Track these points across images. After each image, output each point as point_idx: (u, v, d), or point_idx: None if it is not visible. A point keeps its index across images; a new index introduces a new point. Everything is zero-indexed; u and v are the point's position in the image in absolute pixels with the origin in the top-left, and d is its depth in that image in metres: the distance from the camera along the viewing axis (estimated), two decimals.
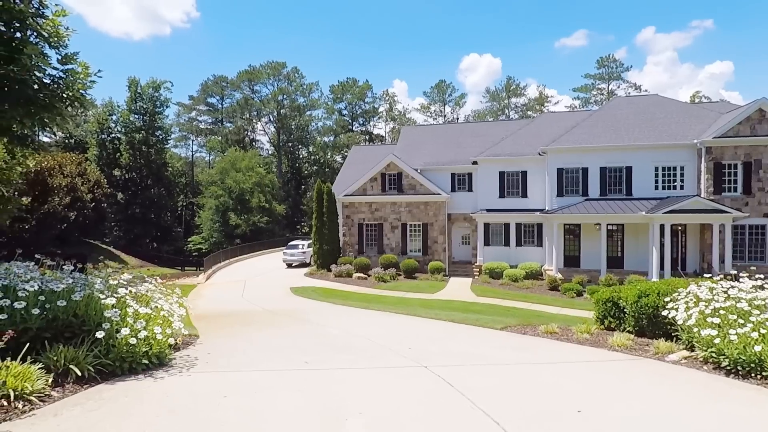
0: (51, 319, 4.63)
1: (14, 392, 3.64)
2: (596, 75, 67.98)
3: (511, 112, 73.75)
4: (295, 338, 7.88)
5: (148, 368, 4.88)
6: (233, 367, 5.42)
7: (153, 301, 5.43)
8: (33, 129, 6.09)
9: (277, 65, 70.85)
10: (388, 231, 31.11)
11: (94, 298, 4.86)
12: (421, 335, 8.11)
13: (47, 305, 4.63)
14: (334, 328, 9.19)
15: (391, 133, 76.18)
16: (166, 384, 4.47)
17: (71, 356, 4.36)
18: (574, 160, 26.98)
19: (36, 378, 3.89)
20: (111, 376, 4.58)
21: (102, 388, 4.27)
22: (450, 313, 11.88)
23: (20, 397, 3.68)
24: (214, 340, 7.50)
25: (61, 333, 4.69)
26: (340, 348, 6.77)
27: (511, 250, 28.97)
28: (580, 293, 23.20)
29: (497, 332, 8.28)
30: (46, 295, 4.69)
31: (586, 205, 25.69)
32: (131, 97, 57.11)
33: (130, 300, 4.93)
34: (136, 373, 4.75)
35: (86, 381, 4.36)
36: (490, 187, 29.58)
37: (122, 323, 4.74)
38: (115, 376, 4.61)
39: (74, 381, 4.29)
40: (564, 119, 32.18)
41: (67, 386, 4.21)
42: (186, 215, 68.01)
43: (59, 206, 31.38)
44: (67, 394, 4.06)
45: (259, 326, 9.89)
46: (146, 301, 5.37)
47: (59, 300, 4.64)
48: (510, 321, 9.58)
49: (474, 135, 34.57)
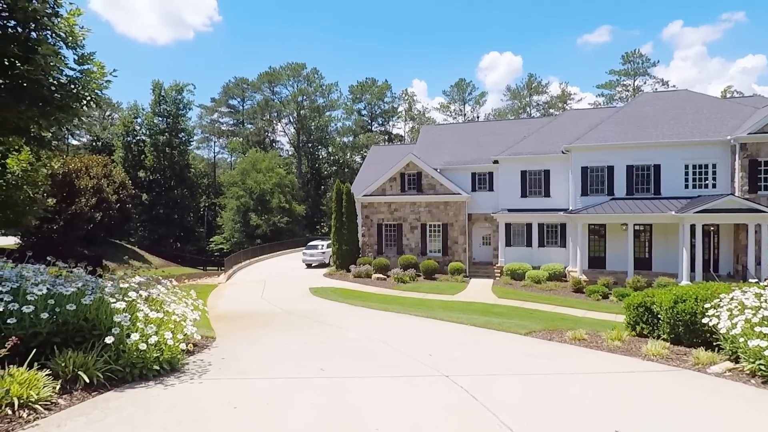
0: (61, 323, 4.51)
1: (19, 400, 3.51)
2: (621, 71, 66.27)
3: (532, 111, 72.55)
4: (311, 342, 7.68)
5: (160, 374, 4.73)
6: (246, 373, 5.22)
7: (165, 304, 5.27)
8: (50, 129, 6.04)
9: (297, 66, 71.28)
10: (408, 231, 30.81)
11: (105, 301, 4.74)
12: (441, 340, 7.81)
13: (57, 309, 4.52)
14: (351, 331, 8.96)
15: (410, 132, 75.81)
16: (176, 392, 4.30)
17: (80, 362, 4.22)
18: (599, 159, 26.18)
19: (42, 385, 3.76)
20: (121, 383, 4.44)
21: (110, 396, 4.11)
22: (471, 317, 11.53)
23: (25, 406, 3.55)
24: (229, 343, 7.35)
25: (71, 338, 4.57)
26: (357, 353, 6.53)
27: (534, 250, 28.33)
28: (605, 295, 22.51)
29: (522, 338, 7.91)
30: (56, 299, 4.57)
31: (612, 205, 24.88)
32: (155, 100, 58.24)
33: (140, 304, 4.79)
34: (146, 379, 4.60)
35: (95, 388, 4.22)
36: (512, 186, 28.99)
37: (132, 328, 4.60)
38: (125, 383, 4.46)
39: (83, 388, 4.15)
40: (588, 116, 31.33)
41: (75, 393, 4.08)
42: (208, 216, 68.99)
43: (86, 207, 32.09)
44: (75, 402, 3.92)
45: (277, 328, 9.75)
46: (159, 304, 5.22)
47: (69, 304, 4.52)
48: (535, 326, 9.19)
49: (495, 133, 33.97)
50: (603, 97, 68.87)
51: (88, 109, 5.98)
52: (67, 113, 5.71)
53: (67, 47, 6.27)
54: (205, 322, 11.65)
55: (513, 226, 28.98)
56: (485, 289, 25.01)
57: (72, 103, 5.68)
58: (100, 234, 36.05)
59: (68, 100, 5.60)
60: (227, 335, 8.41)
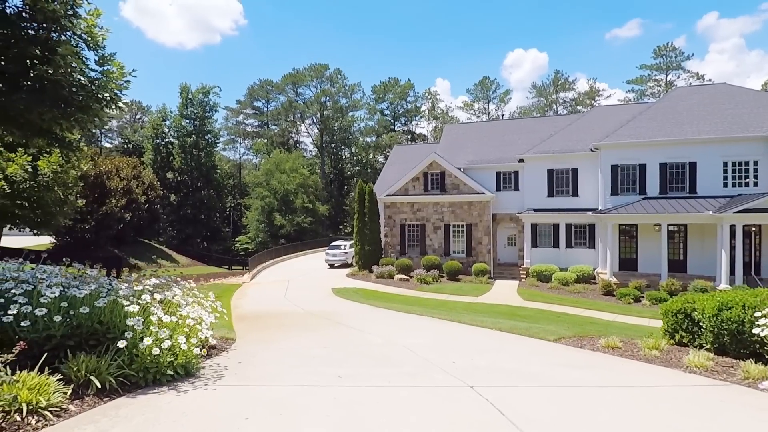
0: (75, 326, 4.44)
1: (27, 406, 3.41)
2: (653, 65, 64.03)
3: (559, 108, 70.92)
4: (331, 346, 7.48)
5: (174, 379, 4.60)
6: (262, 379, 5.05)
7: (181, 307, 5.15)
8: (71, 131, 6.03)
9: (320, 67, 71.64)
10: (431, 232, 30.43)
11: (119, 304, 4.64)
12: (465, 346, 7.50)
13: (71, 312, 4.45)
14: (373, 334, 8.73)
15: (433, 132, 75.24)
16: (188, 400, 4.14)
17: (93, 366, 4.12)
18: (631, 156, 25.23)
19: (53, 391, 3.66)
20: (134, 388, 4.32)
21: (120, 402, 3.99)
22: (496, 320, 11.14)
23: (34, 412, 3.45)
24: (248, 345, 7.22)
25: (85, 341, 4.49)
26: (377, 359, 6.28)
27: (561, 251, 27.55)
28: (638, 299, 21.67)
29: (550, 344, 7.51)
30: (69, 302, 4.50)
31: (644, 204, 23.92)
32: (183, 103, 59.51)
33: (154, 307, 4.67)
34: (160, 384, 4.47)
35: (108, 393, 4.11)
36: (538, 185, 28.27)
37: (146, 332, 4.49)
38: (138, 388, 4.34)
39: (95, 393, 4.04)
40: (618, 113, 30.30)
41: (87, 399, 3.97)
42: (234, 216, 70.06)
43: (116, 207, 32.93)
44: (85, 408, 3.80)
45: (297, 330, 9.60)
46: (174, 307, 5.10)
47: (82, 307, 4.43)
48: (564, 331, 8.76)
49: (520, 132, 33.23)
50: (633, 93, 66.79)
51: (108, 110, 5.96)
52: (87, 114, 5.68)
53: (88, 48, 6.25)
54: (226, 322, 11.63)
55: (539, 227, 28.26)
56: (510, 291, 24.43)
57: (92, 103, 5.65)
58: (129, 234, 36.96)
59: (88, 101, 5.57)
60: (247, 337, 8.31)
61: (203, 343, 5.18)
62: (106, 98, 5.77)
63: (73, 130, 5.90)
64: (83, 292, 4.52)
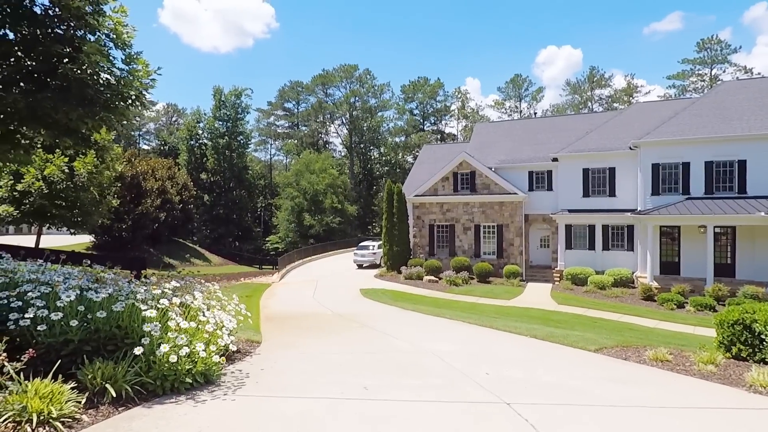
0: (93, 330, 4.30)
1: (38, 416, 3.26)
2: (696, 59, 61.06)
3: (594, 105, 68.66)
4: (357, 351, 7.20)
5: (193, 387, 4.40)
6: (283, 390, 4.79)
7: (201, 312, 4.97)
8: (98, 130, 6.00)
9: (349, 68, 71.82)
10: (460, 232, 29.84)
11: (137, 309, 4.49)
12: (499, 354, 7.07)
13: (89, 316, 4.32)
14: (401, 339, 8.40)
15: (463, 131, 74.23)
16: (204, 412, 3.91)
17: (109, 373, 3.95)
18: (673, 154, 23.97)
19: (66, 400, 3.50)
20: (152, 396, 4.14)
21: (135, 413, 3.81)
22: (530, 326, 10.62)
23: (45, 422, 3.30)
24: (273, 349, 7.02)
25: (103, 346, 4.35)
26: (405, 368, 5.95)
27: (597, 254, 26.49)
28: (681, 305, 20.53)
29: (591, 355, 6.99)
30: (87, 305, 4.36)
31: (688, 205, 22.66)
32: (216, 105, 60.83)
33: (172, 312, 4.49)
34: (178, 393, 4.28)
35: (124, 401, 3.94)
36: (573, 185, 27.28)
37: (164, 338, 4.31)
38: (155, 396, 4.16)
39: (110, 402, 3.87)
40: (659, 109, 28.91)
41: (102, 408, 3.80)
42: (265, 216, 71.13)
43: (151, 207, 33.82)
44: (99, 419, 3.63)
45: (323, 333, 9.38)
46: (194, 312, 4.92)
47: (99, 311, 4.29)
48: (605, 340, 8.18)
49: (554, 130, 32.20)
50: (674, 88, 63.92)
51: (133, 108, 5.89)
52: (113, 113, 5.62)
53: (116, 47, 6.20)
54: (253, 323, 11.55)
55: (574, 228, 27.27)
56: (543, 295, 23.63)
57: (117, 102, 5.58)
58: (164, 233, 37.91)
59: (114, 100, 5.50)
60: (272, 340, 8.13)
61: (223, 350, 4.97)
62: (131, 96, 5.69)
63: (100, 130, 5.85)
64: (101, 296, 4.39)
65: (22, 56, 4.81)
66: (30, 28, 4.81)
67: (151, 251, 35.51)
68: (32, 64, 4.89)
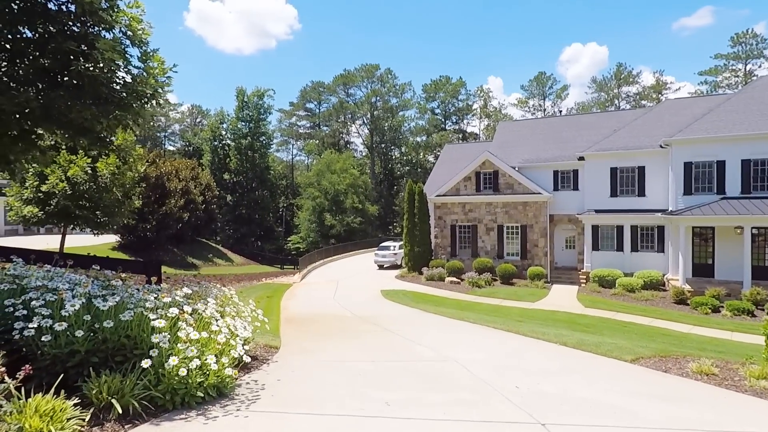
0: (101, 341, 4.10)
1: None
2: (729, 54, 58.75)
3: (621, 103, 66.82)
4: (378, 359, 6.91)
5: (204, 401, 4.20)
6: (300, 405, 4.53)
7: (214, 320, 4.75)
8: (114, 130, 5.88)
9: (371, 68, 71.70)
10: (483, 233, 29.30)
11: (145, 318, 4.27)
12: (528, 364, 6.69)
13: (96, 325, 4.11)
14: (423, 345, 8.10)
15: (485, 130, 73.24)
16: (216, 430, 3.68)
17: (116, 387, 3.74)
18: (707, 152, 22.98)
19: (68, 417, 3.30)
20: (161, 412, 3.94)
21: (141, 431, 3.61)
22: (559, 332, 10.17)
23: None
24: (291, 356, 6.80)
25: (111, 357, 4.15)
26: (429, 379, 5.64)
27: (625, 255, 25.64)
28: (716, 309, 19.65)
29: (628, 366, 6.54)
30: (93, 314, 4.16)
31: (723, 205, 21.68)
32: (239, 106, 61.52)
33: (182, 322, 4.27)
34: (189, 408, 4.07)
35: (131, 417, 3.73)
36: (600, 185, 26.48)
37: (173, 349, 4.08)
38: (165, 411, 3.97)
39: (116, 419, 3.66)
40: (691, 106, 27.81)
41: (107, 425, 3.60)
42: (286, 216, 71.63)
43: (175, 207, 34.30)
44: None
45: (343, 338, 9.15)
46: (206, 320, 4.71)
47: (106, 320, 4.09)
48: (641, 349, 7.70)
49: (580, 128, 31.35)
50: (706, 84, 61.61)
51: (148, 108, 5.75)
52: (128, 112, 5.49)
53: (132, 45, 6.08)
54: (273, 326, 11.43)
55: (601, 229, 26.46)
56: (569, 297, 22.96)
57: (132, 101, 5.45)
58: (188, 233, 38.43)
59: (128, 99, 5.37)
60: (291, 345, 7.94)
61: (236, 361, 4.73)
62: (147, 95, 5.54)
63: (117, 129, 5.73)
64: (108, 304, 4.19)
65: (36, 54, 4.71)
66: (45, 24, 4.71)
67: (174, 251, 36.02)
68: (46, 62, 4.78)
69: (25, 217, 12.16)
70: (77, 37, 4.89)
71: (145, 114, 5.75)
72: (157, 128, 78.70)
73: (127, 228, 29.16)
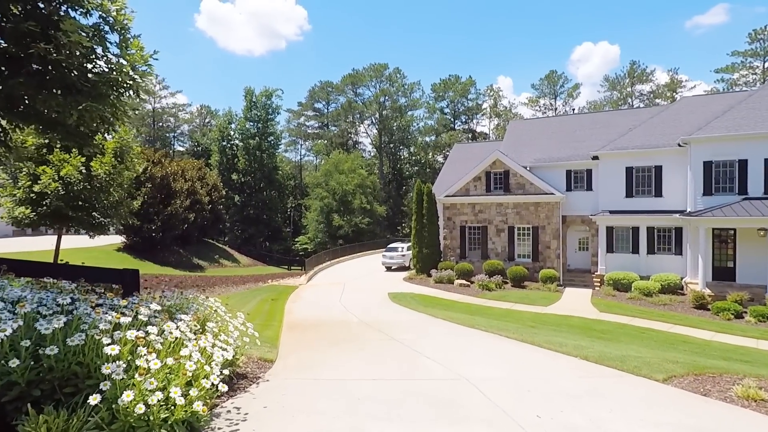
0: (47, 369, 3.46)
1: None
2: (747, 51, 57.27)
3: (634, 101, 65.51)
4: (383, 377, 6.26)
5: None
6: None
7: (187, 341, 4.09)
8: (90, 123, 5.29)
9: (379, 67, 71.13)
10: (493, 234, 28.56)
11: (99, 343, 3.58)
12: (548, 385, 5.97)
13: (40, 351, 3.45)
14: (432, 359, 7.46)
15: (495, 130, 72.29)
16: None
17: (58, 428, 3.07)
18: (728, 151, 22.06)
19: None
20: None
21: None
22: (577, 343, 9.47)
23: None
24: (286, 374, 6.16)
25: (59, 388, 3.52)
26: (439, 405, 4.97)
27: (641, 258, 24.78)
28: (739, 315, 18.78)
29: (661, 388, 5.83)
30: (33, 339, 3.49)
31: (746, 206, 20.76)
32: (247, 106, 61.29)
33: (144, 347, 3.62)
34: None
35: None
36: (615, 185, 25.63)
37: (130, 381, 3.41)
38: None
39: None
40: (710, 103, 26.86)
41: None
42: (294, 216, 71.29)
43: (180, 208, 33.96)
44: None
45: (347, 350, 8.54)
46: (177, 343, 4.07)
47: (50, 346, 3.43)
48: (673, 366, 6.96)
49: (593, 126, 30.49)
50: (723, 82, 60.11)
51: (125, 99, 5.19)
52: (102, 103, 4.93)
53: (111, 30, 5.51)
54: (274, 333, 10.87)
55: (616, 230, 25.62)
56: (583, 301, 22.17)
57: (107, 91, 4.89)
58: (194, 234, 38.10)
59: (101, 88, 4.81)
60: (289, 357, 7.35)
61: (211, 392, 3.98)
62: (124, 84, 4.97)
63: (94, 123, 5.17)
64: (52, 327, 3.51)
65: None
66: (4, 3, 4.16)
67: (180, 252, 35.70)
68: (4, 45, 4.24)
69: (16, 218, 11.74)
70: (38, 17, 4.33)
71: (124, 106, 5.19)
72: (166, 129, 78.85)
73: (132, 229, 28.85)
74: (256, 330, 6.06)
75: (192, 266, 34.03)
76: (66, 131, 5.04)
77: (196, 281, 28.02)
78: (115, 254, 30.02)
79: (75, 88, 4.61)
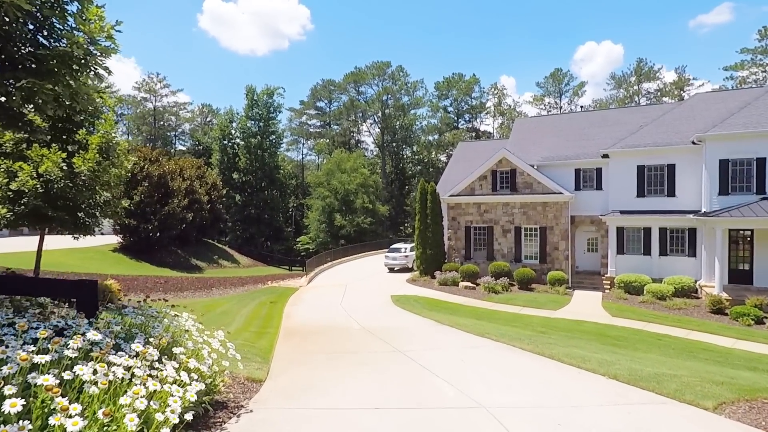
0: None
1: None
2: (757, 49, 56.21)
3: (641, 100, 64.46)
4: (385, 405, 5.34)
5: None
6: None
7: (135, 379, 3.17)
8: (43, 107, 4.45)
9: (382, 65, 70.29)
10: (499, 235, 27.69)
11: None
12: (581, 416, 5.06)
13: None
14: (441, 378, 6.63)
15: (499, 129, 71.38)
16: None
17: None
18: (745, 149, 21.17)
19: None
20: None
21: None
22: (601, 357, 8.61)
23: None
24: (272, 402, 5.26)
25: None
26: None
27: (653, 260, 23.91)
28: (759, 320, 17.94)
29: (713, 420, 4.97)
30: None
31: (765, 206, 19.90)
32: (248, 104, 60.54)
33: (57, 397, 2.66)
34: None
35: None
36: (626, 184, 24.75)
37: None
38: None
39: None
40: (725, 99, 25.93)
41: None
42: (296, 216, 70.53)
43: (178, 208, 33.18)
44: None
45: (347, 364, 7.74)
46: (122, 387, 3.06)
47: None
48: (720, 390, 6.06)
49: (603, 124, 29.60)
50: (731, 80, 59.03)
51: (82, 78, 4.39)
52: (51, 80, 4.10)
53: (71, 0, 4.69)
54: (269, 343, 10.04)
55: (627, 231, 24.73)
56: (594, 304, 21.31)
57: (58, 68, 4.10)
58: (193, 234, 37.32)
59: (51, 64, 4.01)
60: (281, 376, 6.54)
61: None
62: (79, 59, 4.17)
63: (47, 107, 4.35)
64: None
65: None
66: None
67: (178, 252, 34.94)
68: None
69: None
70: None
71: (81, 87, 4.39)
72: (167, 127, 78.20)
73: (128, 228, 28.12)
74: (250, 339, 5.28)
75: (190, 267, 33.26)
76: (8, 114, 4.23)
77: (194, 283, 27.25)
78: (110, 255, 29.27)
79: (14, 63, 3.82)
